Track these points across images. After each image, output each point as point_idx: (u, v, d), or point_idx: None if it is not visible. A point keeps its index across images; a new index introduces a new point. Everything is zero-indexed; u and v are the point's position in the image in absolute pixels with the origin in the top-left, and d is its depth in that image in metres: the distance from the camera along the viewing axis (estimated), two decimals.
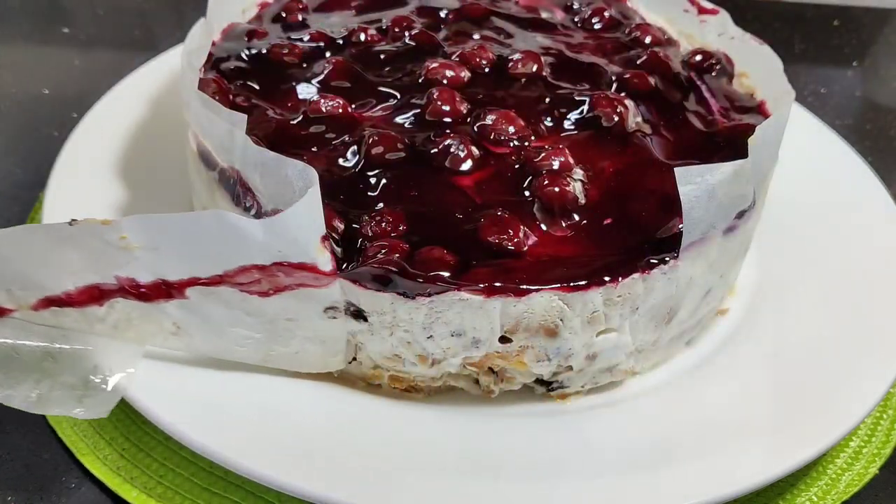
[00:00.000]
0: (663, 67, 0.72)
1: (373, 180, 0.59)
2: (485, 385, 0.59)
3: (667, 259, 0.55)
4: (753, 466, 0.53)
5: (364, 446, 0.54)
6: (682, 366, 0.63)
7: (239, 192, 0.58)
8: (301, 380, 0.59)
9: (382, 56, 0.72)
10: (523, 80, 0.70)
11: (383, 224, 0.55)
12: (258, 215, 0.56)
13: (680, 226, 0.55)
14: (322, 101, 0.65)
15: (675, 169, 0.52)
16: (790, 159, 0.68)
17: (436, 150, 0.61)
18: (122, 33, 1.10)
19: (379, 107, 0.67)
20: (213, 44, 0.72)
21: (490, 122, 0.63)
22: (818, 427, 0.56)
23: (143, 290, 0.53)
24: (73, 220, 0.52)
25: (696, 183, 0.52)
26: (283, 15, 0.78)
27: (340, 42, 0.74)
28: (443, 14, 0.79)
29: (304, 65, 0.71)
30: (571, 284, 0.53)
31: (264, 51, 0.72)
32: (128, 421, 0.60)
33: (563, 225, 0.58)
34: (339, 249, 0.54)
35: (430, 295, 0.53)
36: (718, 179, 0.53)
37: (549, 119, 0.66)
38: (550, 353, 0.56)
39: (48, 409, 0.53)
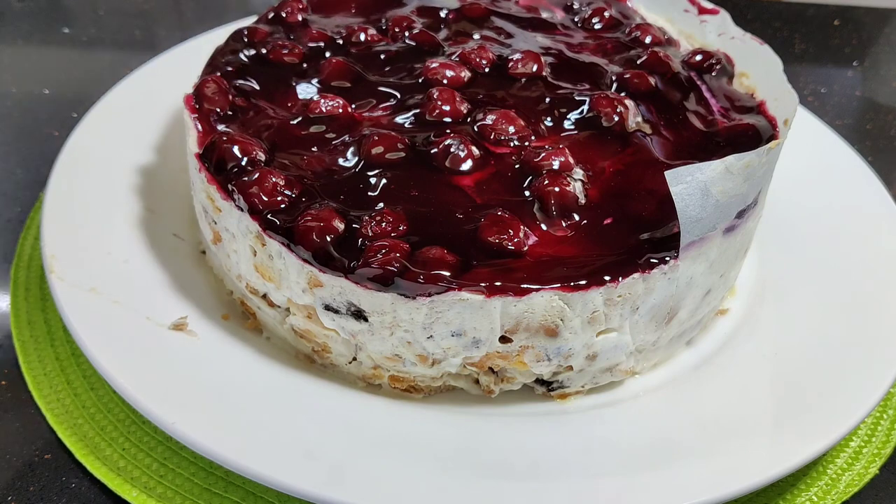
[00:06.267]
0: (663, 67, 0.72)
1: (373, 180, 0.59)
2: (485, 385, 0.59)
3: (667, 259, 0.55)
4: (753, 466, 0.53)
5: (364, 446, 0.54)
6: (683, 366, 0.63)
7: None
8: (301, 380, 0.59)
9: (382, 56, 0.72)
10: (523, 80, 0.70)
11: (383, 224, 0.55)
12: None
13: None
14: (322, 101, 0.65)
15: (666, 172, 0.52)
16: (790, 159, 0.68)
17: (436, 149, 0.61)
18: (122, 33, 1.10)
19: (379, 107, 0.67)
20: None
21: (490, 122, 0.63)
22: (818, 427, 0.56)
23: None
24: None
25: (686, 182, 0.52)
26: (283, 15, 0.78)
27: (340, 42, 0.74)
28: (443, 14, 0.79)
29: (305, 65, 0.71)
30: (572, 284, 0.53)
31: (264, 51, 0.72)
32: (128, 421, 0.60)
33: (564, 225, 0.58)
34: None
35: (430, 295, 0.53)
36: (709, 176, 0.52)
37: (549, 119, 0.66)
38: (550, 353, 0.56)
39: None
